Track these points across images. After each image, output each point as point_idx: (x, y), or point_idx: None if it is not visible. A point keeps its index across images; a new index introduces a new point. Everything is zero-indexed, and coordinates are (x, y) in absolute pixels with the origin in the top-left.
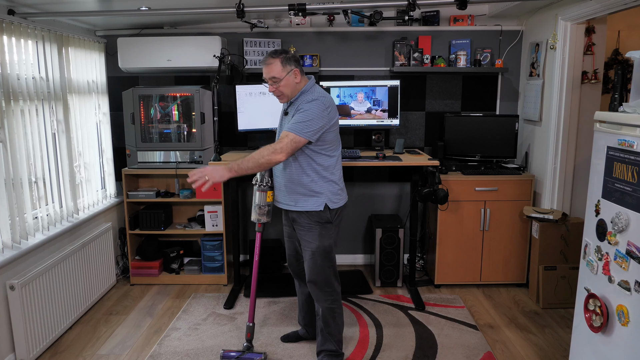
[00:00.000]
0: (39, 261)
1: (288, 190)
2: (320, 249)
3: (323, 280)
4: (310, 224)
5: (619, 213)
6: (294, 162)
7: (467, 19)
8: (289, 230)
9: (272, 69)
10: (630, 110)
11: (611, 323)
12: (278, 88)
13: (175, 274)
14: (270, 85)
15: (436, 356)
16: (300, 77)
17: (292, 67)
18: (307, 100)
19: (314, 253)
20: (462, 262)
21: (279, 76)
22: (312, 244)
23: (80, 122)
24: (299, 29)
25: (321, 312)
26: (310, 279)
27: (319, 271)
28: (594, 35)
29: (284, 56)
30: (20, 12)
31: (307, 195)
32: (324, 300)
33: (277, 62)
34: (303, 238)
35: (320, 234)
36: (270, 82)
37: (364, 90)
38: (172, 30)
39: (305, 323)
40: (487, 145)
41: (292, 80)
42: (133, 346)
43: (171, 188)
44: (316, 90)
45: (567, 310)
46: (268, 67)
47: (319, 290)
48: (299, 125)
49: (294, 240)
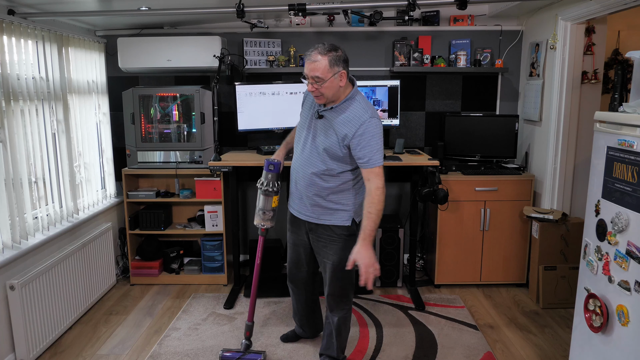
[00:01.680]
0: (39, 261)
1: (311, 202)
2: (343, 263)
3: (342, 293)
4: (332, 236)
5: (619, 213)
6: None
7: (467, 19)
8: (297, 237)
9: (318, 67)
10: (630, 110)
11: (611, 323)
12: (319, 89)
13: (175, 274)
14: (311, 84)
15: (436, 356)
16: (346, 80)
17: (340, 68)
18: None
19: (336, 266)
20: (462, 262)
21: (324, 77)
22: (333, 256)
23: (80, 122)
24: (299, 29)
25: (336, 321)
26: (330, 292)
27: (340, 284)
28: (594, 35)
29: (334, 55)
30: (20, 12)
31: (334, 210)
32: (341, 310)
33: (325, 60)
34: (323, 250)
35: (343, 248)
36: (312, 80)
37: (364, 90)
38: (172, 30)
39: (302, 324)
40: (487, 145)
41: (337, 82)
42: (133, 346)
43: (171, 188)
44: (364, 100)
45: (567, 310)
46: (313, 64)
47: (337, 301)
48: (378, 155)
49: (299, 249)
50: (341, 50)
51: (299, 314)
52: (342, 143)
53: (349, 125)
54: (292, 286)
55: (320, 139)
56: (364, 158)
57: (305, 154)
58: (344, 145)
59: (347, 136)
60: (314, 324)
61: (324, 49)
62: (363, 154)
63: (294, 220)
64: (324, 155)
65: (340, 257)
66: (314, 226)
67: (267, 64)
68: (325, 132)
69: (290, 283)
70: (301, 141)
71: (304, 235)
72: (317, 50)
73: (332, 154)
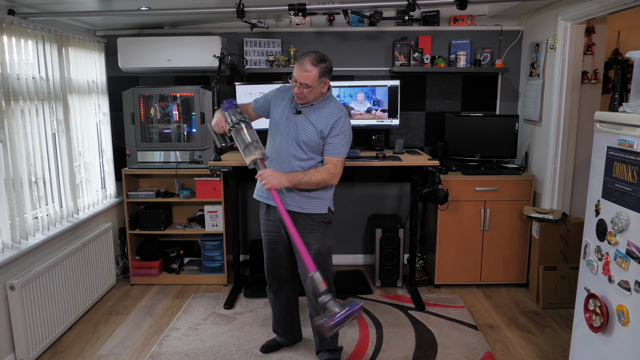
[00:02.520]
0: (39, 261)
1: (292, 192)
2: (324, 249)
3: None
4: (312, 225)
5: (619, 213)
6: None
7: (467, 19)
8: (273, 235)
9: (308, 76)
10: (630, 110)
11: (611, 323)
12: (304, 92)
13: (175, 274)
14: (298, 87)
15: (436, 356)
16: (327, 87)
17: (326, 78)
18: (334, 113)
19: (318, 253)
20: (462, 262)
21: (312, 85)
22: (314, 245)
23: (80, 122)
24: (299, 29)
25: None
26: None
27: (323, 271)
28: (594, 35)
29: (323, 66)
30: (20, 12)
31: (313, 198)
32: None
33: (316, 71)
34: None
35: (323, 234)
36: (300, 85)
37: (364, 90)
38: (172, 30)
39: (285, 331)
40: (487, 145)
41: (320, 89)
42: (133, 346)
43: (171, 188)
44: (337, 101)
45: (567, 310)
46: (305, 73)
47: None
48: (342, 148)
49: (277, 246)
50: (329, 61)
51: (281, 321)
52: (321, 135)
53: (326, 120)
54: (273, 289)
55: (300, 132)
56: (331, 145)
57: (284, 144)
58: (321, 137)
59: (325, 129)
60: (297, 327)
61: (316, 59)
62: (332, 141)
63: (269, 217)
64: (303, 146)
65: (320, 245)
66: (292, 216)
67: (267, 64)
68: (304, 126)
69: (270, 287)
70: (279, 133)
71: (280, 229)
72: (310, 60)
73: (310, 145)
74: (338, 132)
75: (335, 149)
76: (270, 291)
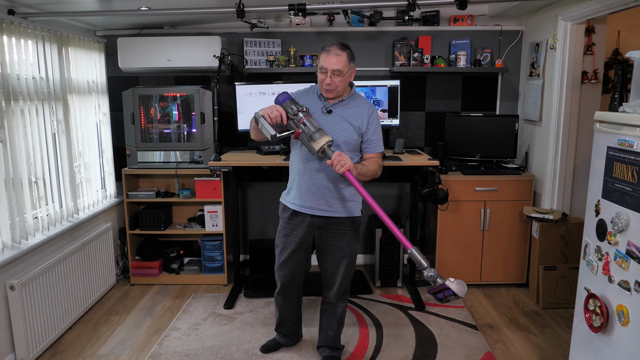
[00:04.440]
0: (39, 261)
1: (324, 194)
2: (354, 255)
3: (349, 284)
4: (344, 230)
5: (619, 213)
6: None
7: (467, 19)
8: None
9: (340, 61)
10: (630, 110)
11: (611, 323)
12: (336, 82)
13: (175, 274)
14: (331, 76)
15: (436, 356)
16: (353, 75)
17: (353, 64)
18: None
19: (349, 259)
20: (462, 262)
21: (344, 70)
22: (345, 250)
23: (80, 122)
24: (299, 29)
25: (340, 311)
26: (339, 286)
27: (349, 278)
28: (594, 35)
29: (349, 52)
30: (20, 12)
31: (347, 200)
32: (344, 300)
33: (345, 55)
34: (333, 246)
35: (354, 240)
36: (332, 73)
37: (364, 90)
38: (172, 30)
39: (288, 332)
40: (487, 145)
41: (349, 77)
42: (133, 346)
43: (171, 188)
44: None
45: (567, 310)
46: (336, 57)
47: (343, 293)
48: (381, 142)
49: (300, 252)
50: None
51: (288, 322)
52: (359, 131)
53: (361, 115)
54: (285, 294)
55: (337, 132)
56: (373, 143)
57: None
58: (359, 134)
59: (362, 125)
60: (299, 328)
61: (342, 45)
62: (375, 138)
63: (295, 220)
64: (342, 145)
65: (351, 250)
66: (324, 221)
67: (267, 64)
68: (339, 125)
69: (282, 292)
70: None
71: (307, 235)
72: (337, 46)
73: (350, 144)
74: (375, 127)
75: (376, 145)
76: (280, 295)
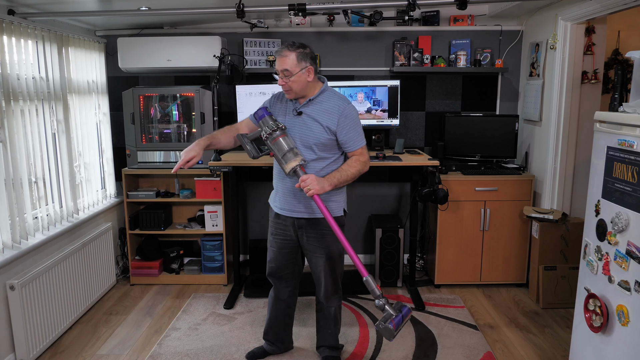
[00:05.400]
0: (39, 261)
1: (303, 195)
2: (336, 253)
3: (336, 283)
4: (324, 230)
5: (619, 213)
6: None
7: (467, 19)
8: (283, 240)
9: (286, 61)
10: (630, 110)
11: (611, 323)
12: (288, 82)
13: (175, 274)
14: (281, 78)
15: (436, 356)
16: (313, 76)
17: (307, 64)
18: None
19: (331, 259)
20: (462, 262)
21: (292, 70)
22: (327, 249)
23: (80, 122)
24: (299, 29)
25: (333, 311)
26: (325, 285)
27: (334, 275)
28: (594, 35)
29: (301, 51)
30: (20, 12)
31: (326, 201)
32: (335, 299)
33: (293, 55)
34: (315, 246)
35: (335, 239)
36: (282, 74)
37: (364, 90)
38: (172, 30)
39: (276, 339)
40: (487, 145)
41: (304, 77)
42: (133, 346)
43: (171, 188)
44: (336, 92)
45: (567, 310)
46: (282, 58)
47: (332, 292)
48: (359, 138)
49: (285, 251)
50: (309, 49)
51: (276, 327)
52: (328, 131)
53: (331, 114)
54: (275, 295)
55: (307, 133)
56: (350, 141)
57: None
58: (331, 133)
59: (331, 124)
60: (289, 335)
61: (292, 45)
62: (348, 137)
63: (279, 221)
64: (314, 147)
65: (333, 249)
66: (305, 222)
67: (267, 64)
68: (308, 126)
69: (273, 293)
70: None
71: (291, 234)
72: (286, 47)
73: (321, 145)
74: (349, 126)
75: (354, 143)
76: (273, 295)
